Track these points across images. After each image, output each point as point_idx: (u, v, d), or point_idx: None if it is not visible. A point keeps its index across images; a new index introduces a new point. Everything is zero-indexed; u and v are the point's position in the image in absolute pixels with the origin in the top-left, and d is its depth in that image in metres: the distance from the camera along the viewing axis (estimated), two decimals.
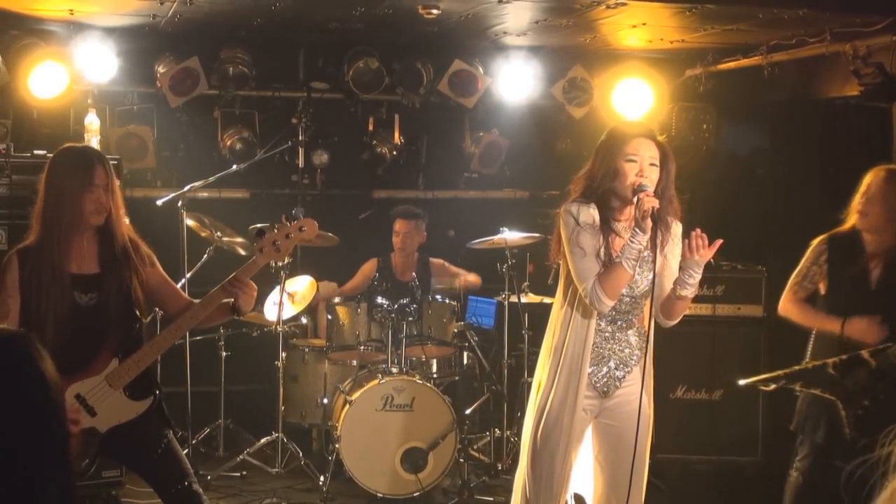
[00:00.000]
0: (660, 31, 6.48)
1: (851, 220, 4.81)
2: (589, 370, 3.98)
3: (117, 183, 4.03)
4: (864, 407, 4.47)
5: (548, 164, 8.19)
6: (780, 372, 4.69)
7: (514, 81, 7.39)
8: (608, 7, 5.65)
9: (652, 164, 3.87)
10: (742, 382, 4.83)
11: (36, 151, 6.12)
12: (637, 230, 3.78)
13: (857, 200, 4.79)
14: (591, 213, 3.91)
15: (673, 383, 6.48)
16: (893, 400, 4.47)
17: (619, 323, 4.00)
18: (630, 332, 4.03)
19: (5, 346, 1.83)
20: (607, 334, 4.00)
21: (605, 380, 4.00)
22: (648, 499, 4.19)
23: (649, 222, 3.77)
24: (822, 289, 4.83)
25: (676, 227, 3.99)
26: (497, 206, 8.11)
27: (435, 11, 5.62)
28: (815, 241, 4.84)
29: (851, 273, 4.70)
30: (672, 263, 3.98)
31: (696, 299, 6.43)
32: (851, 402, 4.50)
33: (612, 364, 4.00)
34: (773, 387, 4.70)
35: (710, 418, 4.94)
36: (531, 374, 4.53)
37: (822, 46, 6.13)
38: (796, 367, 4.69)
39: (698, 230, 3.83)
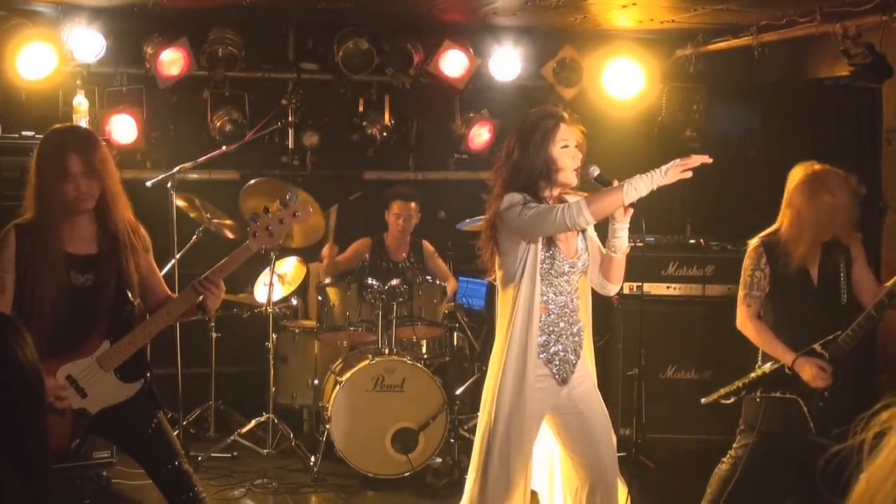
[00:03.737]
0: (650, 10, 6.46)
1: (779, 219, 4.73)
2: (542, 358, 3.93)
3: (111, 165, 3.98)
4: (823, 398, 4.50)
5: None
6: (738, 383, 4.69)
7: (504, 62, 7.38)
8: None
9: (577, 146, 3.95)
10: (704, 400, 4.86)
11: (24, 133, 6.09)
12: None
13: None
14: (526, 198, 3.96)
15: (663, 363, 6.51)
16: (850, 385, 4.50)
17: (563, 306, 3.97)
18: (578, 313, 4.02)
19: None
20: (553, 316, 3.95)
21: (560, 365, 3.97)
22: (639, 478, 4.21)
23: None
24: (767, 289, 4.71)
25: None
26: (487, 187, 8.07)
27: None
28: (750, 247, 4.73)
29: (791, 273, 4.62)
30: (593, 237, 4.10)
31: (687, 279, 6.53)
32: (812, 397, 4.51)
33: (567, 349, 3.98)
34: (733, 399, 4.72)
35: (700, 398, 4.97)
36: None
37: (812, 26, 6.13)
38: (753, 375, 4.68)
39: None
